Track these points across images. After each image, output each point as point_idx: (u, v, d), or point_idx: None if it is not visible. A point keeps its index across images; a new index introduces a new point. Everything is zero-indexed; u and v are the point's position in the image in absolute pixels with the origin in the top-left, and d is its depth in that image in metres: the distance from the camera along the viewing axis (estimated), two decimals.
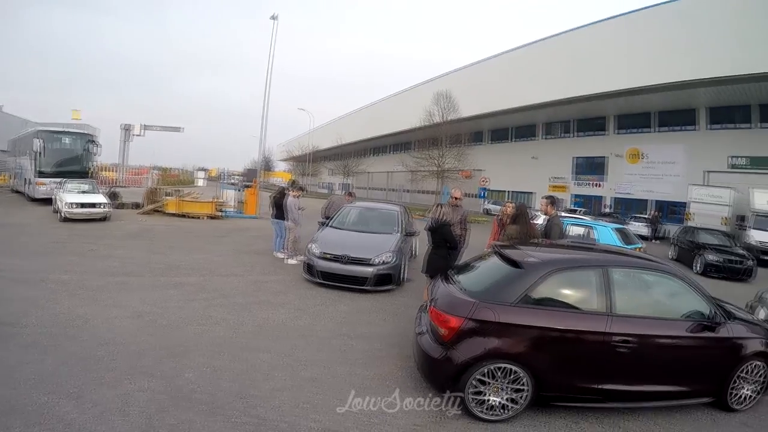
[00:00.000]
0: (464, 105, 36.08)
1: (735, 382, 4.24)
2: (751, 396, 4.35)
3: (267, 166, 76.32)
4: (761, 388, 4.39)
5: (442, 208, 6.49)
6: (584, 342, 3.80)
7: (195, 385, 3.92)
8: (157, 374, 4.08)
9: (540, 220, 8.54)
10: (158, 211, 17.68)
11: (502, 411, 3.72)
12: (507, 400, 3.71)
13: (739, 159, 26.44)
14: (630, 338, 3.79)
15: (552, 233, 6.28)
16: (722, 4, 22.93)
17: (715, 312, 4.18)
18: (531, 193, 37.47)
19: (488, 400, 3.70)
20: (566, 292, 4.06)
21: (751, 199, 20.14)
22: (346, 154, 64.67)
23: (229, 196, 21.02)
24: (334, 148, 65.61)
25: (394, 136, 52.92)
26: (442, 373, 3.81)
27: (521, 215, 6.39)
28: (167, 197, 18.40)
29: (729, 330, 4.18)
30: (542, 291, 3.90)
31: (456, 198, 7.73)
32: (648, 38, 25.49)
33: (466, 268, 4.91)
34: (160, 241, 11.64)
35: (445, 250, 6.34)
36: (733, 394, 4.27)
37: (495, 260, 4.51)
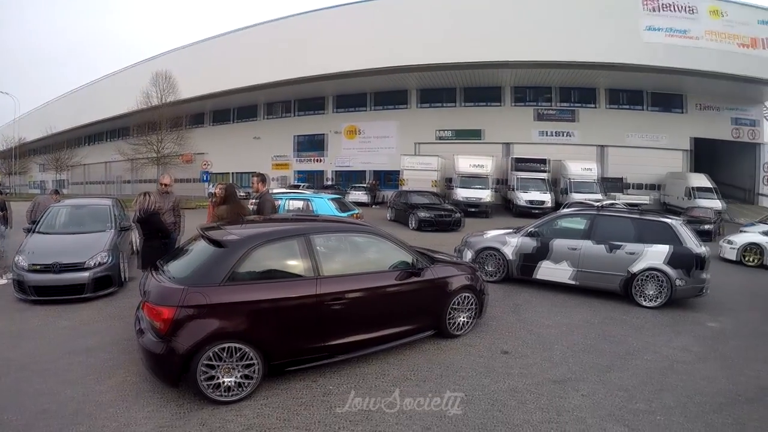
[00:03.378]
0: (185, 86, 34.33)
1: (450, 313, 5.20)
2: (467, 322, 5.41)
3: None
4: (474, 314, 5.48)
5: (149, 196, 6.11)
6: (298, 307, 4.05)
7: None
8: None
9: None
10: None
11: (239, 389, 3.74)
12: (241, 377, 3.74)
13: (446, 132, 32.57)
14: (342, 294, 4.24)
15: (264, 209, 6.41)
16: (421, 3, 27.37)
17: (417, 260, 5.01)
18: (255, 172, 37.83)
19: (223, 383, 3.68)
20: (272, 263, 4.23)
21: (455, 163, 24.87)
22: (59, 146, 53.97)
23: None
24: (45, 139, 54.06)
25: (110, 122, 46.55)
26: (169, 367, 3.65)
27: (229, 195, 6.39)
28: None
29: (433, 272, 5.07)
30: (248, 266, 3.99)
31: (165, 184, 7.39)
32: (361, 27, 28.82)
33: (174, 255, 4.73)
34: None
35: (158, 241, 6.05)
36: (451, 324, 5.24)
37: (201, 243, 4.43)
